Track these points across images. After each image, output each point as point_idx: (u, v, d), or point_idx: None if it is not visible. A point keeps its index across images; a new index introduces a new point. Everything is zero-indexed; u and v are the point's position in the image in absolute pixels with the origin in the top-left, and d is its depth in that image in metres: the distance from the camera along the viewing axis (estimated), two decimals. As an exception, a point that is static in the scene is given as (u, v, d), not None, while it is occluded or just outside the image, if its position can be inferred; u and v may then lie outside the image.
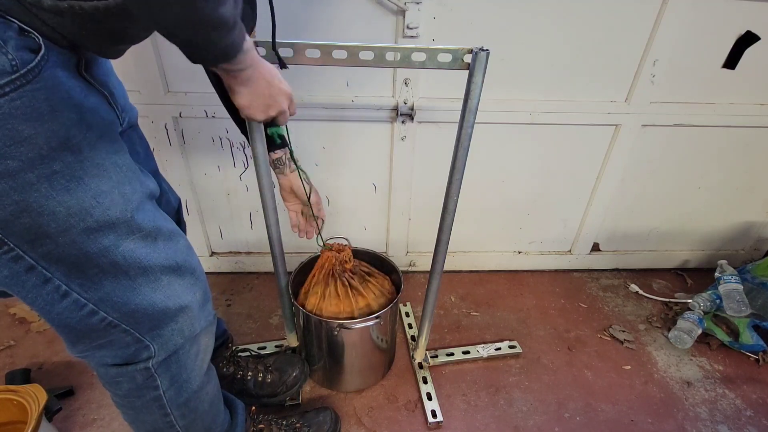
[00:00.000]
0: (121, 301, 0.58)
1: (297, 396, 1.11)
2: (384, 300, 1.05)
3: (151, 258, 0.58)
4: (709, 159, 1.40)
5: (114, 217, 0.53)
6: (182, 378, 0.70)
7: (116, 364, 0.64)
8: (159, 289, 0.60)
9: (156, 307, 0.61)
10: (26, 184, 0.46)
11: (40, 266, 0.51)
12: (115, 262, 0.55)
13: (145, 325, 0.61)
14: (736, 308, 1.29)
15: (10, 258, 0.49)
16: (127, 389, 0.67)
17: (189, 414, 0.74)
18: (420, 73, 1.18)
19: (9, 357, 1.21)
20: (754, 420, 1.14)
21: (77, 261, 0.52)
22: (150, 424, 0.72)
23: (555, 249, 1.62)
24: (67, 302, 0.55)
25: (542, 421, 1.11)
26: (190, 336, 0.67)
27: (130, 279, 0.57)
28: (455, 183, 0.84)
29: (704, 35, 1.17)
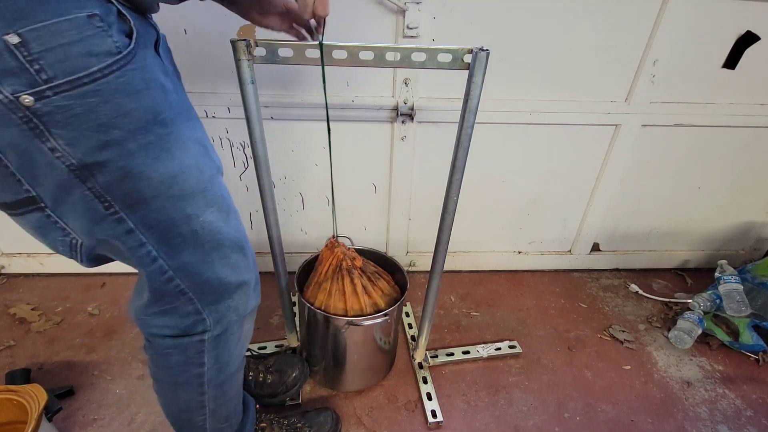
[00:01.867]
0: (194, 272, 0.63)
1: (297, 396, 1.11)
2: (389, 300, 1.04)
3: (224, 232, 0.63)
4: (709, 159, 1.40)
5: (193, 188, 0.58)
6: (224, 359, 0.73)
7: (172, 335, 0.67)
8: (227, 265, 0.65)
9: (221, 281, 0.65)
10: (129, 152, 0.51)
11: (137, 230, 0.57)
12: (195, 232, 0.60)
13: (208, 298, 0.65)
14: (736, 308, 1.29)
15: (115, 220, 0.55)
16: (175, 362, 0.70)
17: (220, 397, 0.77)
18: (420, 73, 1.18)
19: (9, 357, 1.21)
20: (754, 420, 1.14)
21: (165, 228, 0.58)
22: (184, 401, 0.75)
23: (555, 249, 1.62)
24: (155, 266, 0.60)
25: (542, 421, 1.11)
26: (243, 314, 0.71)
27: (206, 252, 0.62)
28: (455, 183, 0.84)
29: (704, 35, 1.17)
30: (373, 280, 1.04)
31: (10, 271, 1.51)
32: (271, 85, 1.17)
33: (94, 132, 0.49)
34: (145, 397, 1.11)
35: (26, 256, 1.48)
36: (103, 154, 0.50)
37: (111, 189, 0.53)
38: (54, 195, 0.52)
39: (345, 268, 1.00)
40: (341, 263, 1.01)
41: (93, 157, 0.50)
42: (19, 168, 0.50)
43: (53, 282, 1.48)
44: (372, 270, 1.06)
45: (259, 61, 0.74)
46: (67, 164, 0.49)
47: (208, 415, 0.78)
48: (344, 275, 1.00)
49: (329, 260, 1.02)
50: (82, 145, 0.49)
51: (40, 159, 0.49)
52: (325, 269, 1.02)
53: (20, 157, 0.49)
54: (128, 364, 1.20)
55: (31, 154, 0.48)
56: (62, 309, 1.37)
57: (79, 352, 1.23)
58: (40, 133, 0.47)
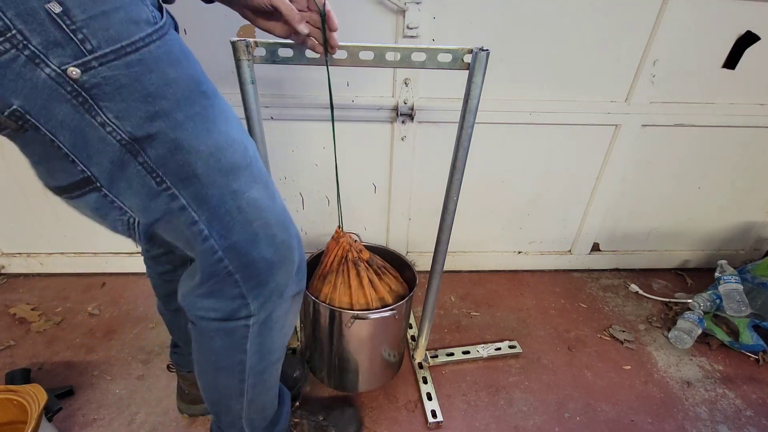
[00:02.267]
0: (242, 252, 0.60)
1: (297, 396, 1.11)
2: (397, 296, 1.01)
3: (270, 210, 0.62)
4: (709, 159, 1.40)
5: (239, 162, 0.57)
6: (267, 347, 0.72)
7: (218, 318, 0.65)
8: (272, 244, 0.63)
9: (266, 262, 0.63)
10: (177, 123, 0.50)
11: (190, 207, 0.55)
12: (242, 209, 0.58)
13: (253, 281, 0.63)
14: (736, 308, 1.29)
15: (168, 196, 0.54)
16: (219, 346, 0.68)
17: (259, 385, 0.76)
18: (420, 73, 1.18)
19: (9, 357, 1.21)
20: (754, 420, 1.14)
21: (216, 204, 0.56)
22: (224, 388, 0.74)
23: (555, 249, 1.62)
24: (206, 246, 0.58)
25: (542, 421, 1.11)
26: (286, 297, 0.69)
27: (253, 230, 0.60)
28: (455, 183, 0.84)
29: (704, 35, 1.17)
30: (380, 275, 1.00)
31: (10, 271, 1.51)
32: (271, 85, 1.17)
33: (141, 103, 0.48)
34: (145, 397, 1.11)
35: (26, 256, 1.48)
36: (153, 126, 0.49)
37: (163, 163, 0.52)
38: (109, 173, 0.51)
39: (351, 260, 0.97)
40: (347, 254, 0.97)
41: (143, 130, 0.49)
42: (73, 147, 0.49)
43: (53, 282, 1.48)
44: (379, 264, 1.02)
45: (259, 61, 0.74)
46: (118, 139, 0.49)
47: (246, 403, 0.77)
48: (350, 267, 0.96)
49: (335, 251, 0.98)
50: (131, 117, 0.48)
51: (93, 135, 0.48)
52: (330, 260, 0.99)
53: (73, 135, 0.48)
54: (128, 364, 1.20)
55: (84, 131, 0.48)
56: (62, 309, 1.37)
57: (79, 352, 1.23)
58: (89, 107, 0.46)
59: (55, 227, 1.42)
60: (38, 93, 0.44)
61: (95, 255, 1.49)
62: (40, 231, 1.43)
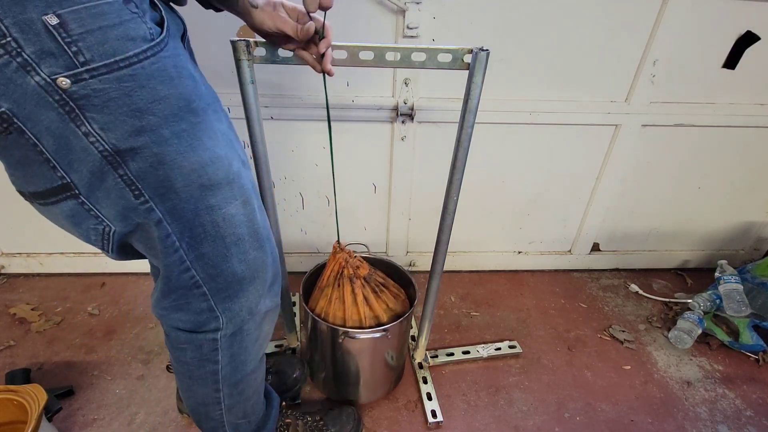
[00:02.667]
0: (211, 264, 0.62)
1: (297, 396, 1.11)
2: (392, 315, 1.00)
3: (245, 226, 0.63)
4: (709, 159, 1.40)
5: (221, 179, 0.58)
6: (240, 359, 0.73)
7: (186, 329, 0.68)
8: (244, 261, 0.65)
9: (236, 276, 0.65)
10: (162, 138, 0.51)
11: (165, 221, 0.57)
12: (216, 224, 0.60)
13: (221, 294, 0.65)
14: (736, 308, 1.29)
15: (145, 210, 0.55)
16: (191, 357, 0.70)
17: (236, 395, 0.78)
18: (420, 73, 1.18)
19: (9, 357, 1.21)
20: (754, 420, 1.14)
21: (190, 218, 0.58)
22: (200, 396, 0.76)
23: (555, 249, 1.62)
24: (175, 257, 0.60)
25: (542, 421, 1.11)
26: (256, 313, 0.70)
27: (225, 245, 0.62)
28: (455, 183, 0.84)
29: (704, 35, 1.17)
30: (377, 292, 0.99)
31: (10, 271, 1.51)
32: (271, 85, 1.17)
33: (129, 117, 0.48)
34: (145, 397, 1.11)
35: (26, 256, 1.48)
36: (137, 140, 0.50)
37: (143, 177, 0.52)
38: (88, 181, 0.52)
39: (347, 276, 0.97)
40: (342, 270, 0.97)
41: (127, 143, 0.50)
42: (55, 153, 0.49)
43: (53, 282, 1.48)
44: (378, 281, 1.01)
45: (259, 61, 0.74)
46: (101, 150, 0.49)
47: (224, 410, 0.78)
48: (345, 283, 0.97)
49: (331, 266, 0.99)
50: (116, 129, 0.49)
51: (76, 144, 0.49)
52: (327, 275, 1.00)
53: (56, 141, 0.48)
54: (128, 364, 1.20)
55: (67, 139, 0.48)
56: (62, 309, 1.37)
57: (79, 352, 1.23)
58: (75, 117, 0.47)
59: (55, 227, 1.42)
60: (27, 98, 0.45)
61: (95, 255, 1.49)
62: (40, 231, 1.43)
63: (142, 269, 1.51)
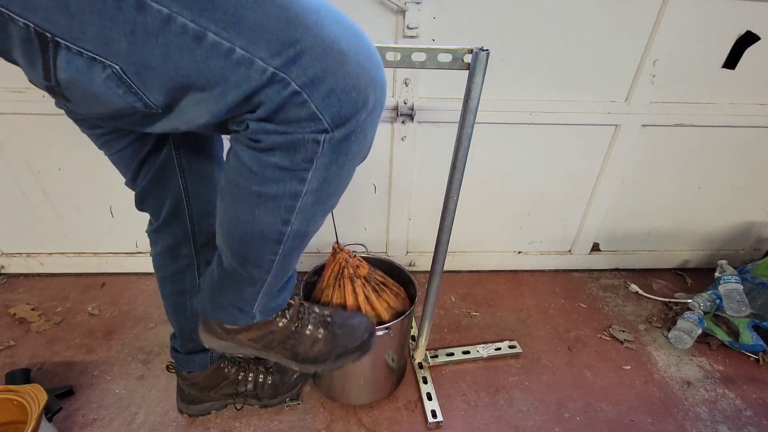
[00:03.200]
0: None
1: (297, 397, 1.11)
2: (394, 314, 1.00)
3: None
4: (709, 159, 1.40)
5: None
6: (328, 190, 0.58)
7: (280, 131, 0.49)
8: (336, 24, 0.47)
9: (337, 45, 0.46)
10: None
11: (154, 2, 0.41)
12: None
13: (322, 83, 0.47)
14: (736, 308, 1.29)
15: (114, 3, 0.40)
16: (274, 167, 0.52)
17: (300, 239, 0.62)
18: (420, 73, 1.18)
19: (9, 357, 1.21)
20: (754, 420, 1.14)
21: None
22: (262, 224, 0.59)
23: (555, 249, 1.62)
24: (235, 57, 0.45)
25: (542, 421, 1.11)
26: (372, 108, 0.52)
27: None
28: (455, 183, 0.84)
29: (704, 35, 1.17)
30: (378, 291, 0.99)
31: (10, 271, 1.51)
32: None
33: None
34: (145, 397, 1.11)
35: (26, 256, 1.48)
36: None
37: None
38: (41, 6, 0.40)
39: (347, 276, 0.97)
40: (343, 270, 0.97)
41: None
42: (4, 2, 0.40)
43: (53, 282, 1.48)
44: (378, 280, 1.01)
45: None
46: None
47: (279, 257, 0.63)
48: (345, 283, 0.97)
49: (332, 266, 0.99)
50: None
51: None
52: (327, 275, 1.00)
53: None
54: (128, 364, 1.20)
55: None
56: (62, 309, 1.37)
57: (79, 352, 1.23)
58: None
59: (55, 227, 1.42)
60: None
61: (95, 255, 1.49)
62: (40, 231, 1.43)
63: (143, 269, 1.51)
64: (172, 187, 0.77)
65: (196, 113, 0.48)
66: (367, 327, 0.87)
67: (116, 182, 1.32)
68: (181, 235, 0.83)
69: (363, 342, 0.85)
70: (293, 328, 0.81)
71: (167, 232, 0.83)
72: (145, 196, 0.78)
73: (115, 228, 1.43)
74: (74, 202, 1.37)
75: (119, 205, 1.39)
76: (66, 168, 1.30)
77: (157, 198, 0.78)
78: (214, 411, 1.08)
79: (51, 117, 1.19)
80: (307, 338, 0.82)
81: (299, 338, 0.81)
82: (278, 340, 0.80)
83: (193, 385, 1.02)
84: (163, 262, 0.88)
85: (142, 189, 0.77)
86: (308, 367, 0.83)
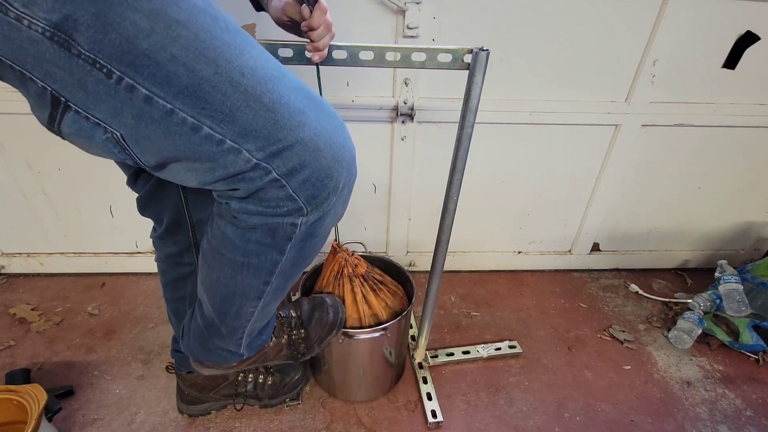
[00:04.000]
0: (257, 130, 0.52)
1: (297, 397, 1.11)
2: (391, 313, 1.01)
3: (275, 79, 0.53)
4: (709, 159, 1.40)
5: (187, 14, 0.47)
6: (305, 254, 0.64)
7: (262, 213, 0.57)
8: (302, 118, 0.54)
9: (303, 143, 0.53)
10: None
11: (157, 96, 0.47)
12: (235, 81, 0.51)
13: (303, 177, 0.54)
14: (736, 308, 1.29)
15: (125, 88, 0.46)
16: (256, 242, 0.59)
17: (279, 292, 0.69)
18: (420, 73, 1.18)
19: (9, 357, 1.21)
20: (754, 420, 1.14)
21: (187, 84, 0.48)
22: (243, 287, 0.66)
23: (555, 249, 1.62)
24: (200, 139, 0.51)
25: (542, 421, 1.11)
26: (342, 188, 0.59)
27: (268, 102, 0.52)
28: (455, 183, 0.84)
29: (704, 35, 1.17)
30: (376, 290, 1.00)
31: (10, 271, 1.51)
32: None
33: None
34: (145, 397, 1.11)
35: (26, 256, 1.48)
36: (64, 6, 0.42)
37: (98, 47, 0.44)
38: (61, 80, 0.45)
39: (346, 275, 0.97)
40: (342, 269, 0.98)
41: (56, 12, 0.42)
42: (17, 61, 0.44)
43: (53, 282, 1.48)
44: (376, 279, 1.02)
45: (259, 61, 0.74)
46: (41, 31, 0.42)
47: (259, 308, 0.70)
48: (344, 283, 0.97)
49: (331, 265, 1.00)
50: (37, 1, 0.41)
51: (19, 37, 0.43)
52: (327, 275, 1.00)
53: (7, 44, 0.43)
54: (128, 364, 1.20)
55: (9, 36, 0.43)
56: (62, 309, 1.37)
57: (79, 352, 1.23)
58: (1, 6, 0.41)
59: (55, 227, 1.42)
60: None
61: (95, 255, 1.49)
62: (40, 231, 1.43)
63: (143, 269, 1.51)
64: (172, 197, 0.77)
65: (186, 177, 0.55)
66: (329, 309, 0.91)
67: (116, 182, 1.33)
68: (183, 243, 0.84)
69: (332, 323, 0.91)
70: (283, 341, 0.89)
71: (170, 240, 0.84)
72: (146, 204, 0.79)
73: (115, 228, 1.43)
74: (74, 202, 1.38)
75: (119, 205, 1.39)
76: (66, 168, 1.30)
77: (158, 206, 0.79)
78: (214, 411, 1.08)
79: (51, 117, 1.19)
80: (295, 341, 0.90)
81: (290, 345, 0.90)
82: (273, 354, 0.89)
83: (193, 386, 1.02)
84: (166, 268, 0.88)
85: (143, 196, 0.78)
86: (302, 358, 0.92)
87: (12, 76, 0.47)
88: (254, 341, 0.82)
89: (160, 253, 0.87)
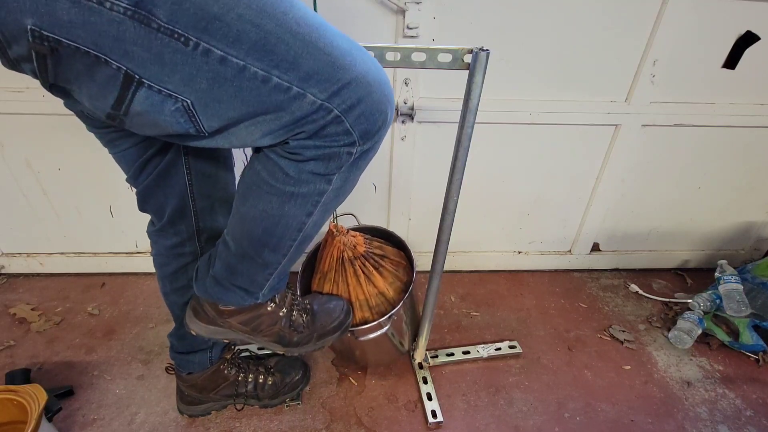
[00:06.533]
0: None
1: (297, 397, 1.11)
2: (401, 284, 1.01)
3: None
4: (709, 159, 1.40)
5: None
6: (345, 187, 0.68)
7: (317, 145, 0.60)
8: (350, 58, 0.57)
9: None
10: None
11: (230, 55, 0.50)
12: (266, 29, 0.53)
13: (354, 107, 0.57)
14: (736, 308, 1.29)
15: (201, 53, 0.49)
16: (310, 172, 0.62)
17: (317, 226, 0.72)
18: (420, 73, 1.18)
19: (9, 357, 1.21)
20: (754, 420, 1.14)
21: (256, 39, 0.51)
22: (287, 218, 0.68)
23: (555, 249, 1.62)
24: (285, 92, 0.55)
25: (542, 421, 1.11)
26: (389, 124, 0.63)
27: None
28: (455, 183, 0.84)
29: (704, 35, 1.17)
30: (378, 268, 0.99)
31: (10, 271, 1.51)
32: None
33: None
34: (145, 397, 1.11)
35: (26, 256, 1.48)
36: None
37: (175, 18, 0.47)
38: (139, 58, 0.48)
39: (347, 259, 0.97)
40: (342, 254, 0.97)
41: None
42: (95, 46, 0.47)
43: (53, 282, 1.48)
44: (377, 254, 1.00)
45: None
46: (122, 11, 0.45)
47: (298, 242, 0.72)
48: (347, 267, 0.97)
49: (330, 251, 0.98)
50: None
51: (100, 21, 0.45)
52: (327, 261, 0.99)
53: (86, 31, 0.46)
54: (128, 364, 1.20)
55: (91, 22, 0.45)
56: (62, 309, 1.37)
57: (79, 352, 1.23)
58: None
59: (55, 227, 1.42)
60: (39, 3, 0.43)
61: (95, 255, 1.49)
62: (40, 231, 1.43)
63: (143, 269, 1.51)
64: (177, 185, 0.78)
65: (248, 133, 0.58)
66: (343, 308, 0.94)
67: (116, 182, 1.33)
68: (186, 232, 0.84)
69: (341, 322, 0.92)
70: (280, 312, 0.86)
71: (172, 231, 0.84)
72: (148, 196, 0.79)
73: (115, 228, 1.43)
74: (74, 202, 1.38)
75: (119, 205, 1.39)
76: (66, 168, 1.30)
77: (160, 198, 0.79)
78: (214, 411, 1.08)
79: (51, 117, 1.20)
80: (293, 322, 0.88)
81: (286, 322, 0.87)
82: (266, 324, 0.85)
83: (193, 387, 1.02)
84: (165, 261, 0.88)
85: (144, 188, 0.77)
86: (292, 350, 0.90)
87: (80, 67, 0.49)
88: (277, 285, 0.82)
89: (159, 246, 0.87)
